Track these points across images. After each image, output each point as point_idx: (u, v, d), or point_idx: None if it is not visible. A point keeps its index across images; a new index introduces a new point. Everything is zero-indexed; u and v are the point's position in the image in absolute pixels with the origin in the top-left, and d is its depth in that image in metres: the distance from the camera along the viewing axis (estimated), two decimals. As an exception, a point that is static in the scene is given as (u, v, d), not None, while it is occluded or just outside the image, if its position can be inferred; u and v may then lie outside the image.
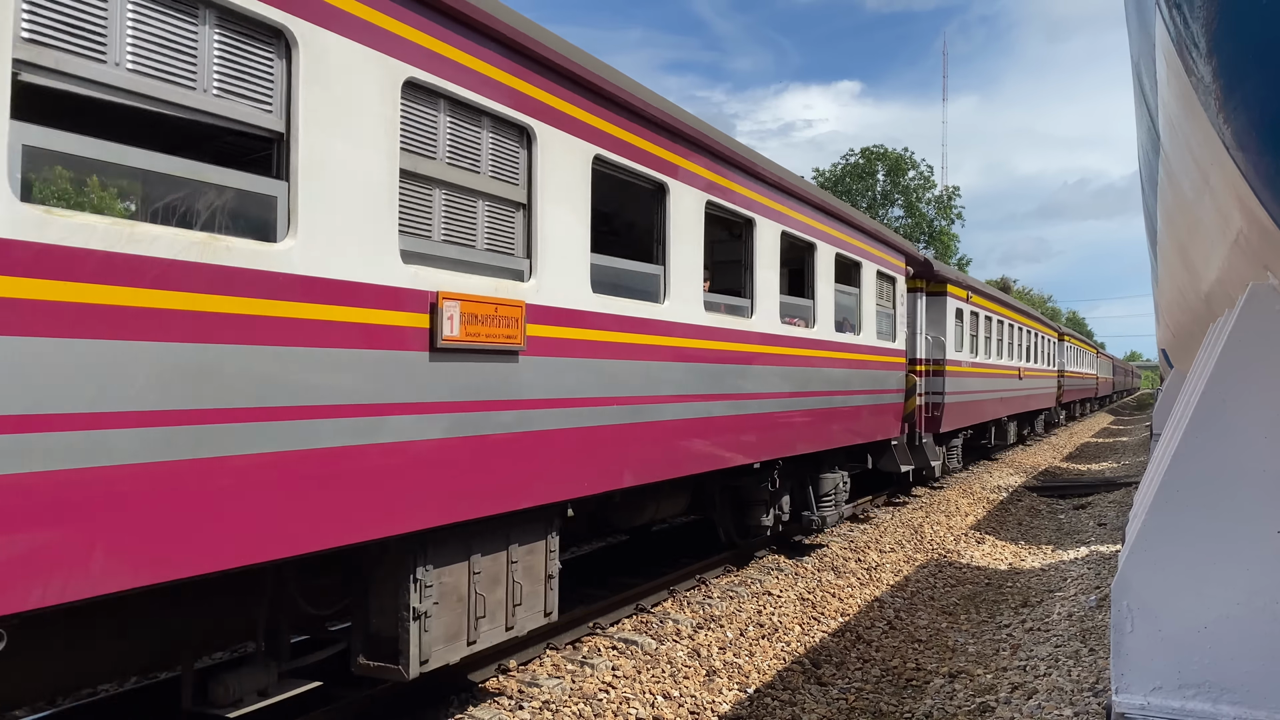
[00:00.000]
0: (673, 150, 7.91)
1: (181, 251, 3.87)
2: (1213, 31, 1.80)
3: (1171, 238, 4.39)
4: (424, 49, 5.22)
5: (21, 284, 3.34)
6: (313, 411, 4.45)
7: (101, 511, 3.58)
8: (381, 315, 4.88)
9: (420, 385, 5.13)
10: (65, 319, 3.46)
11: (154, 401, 3.74)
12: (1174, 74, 2.26)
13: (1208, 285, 3.73)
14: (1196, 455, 2.47)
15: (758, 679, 7.54)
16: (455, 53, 5.46)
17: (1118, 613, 2.50)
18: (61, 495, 3.44)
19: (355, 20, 4.77)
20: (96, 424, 3.55)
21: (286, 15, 4.38)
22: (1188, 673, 2.41)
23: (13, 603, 3.32)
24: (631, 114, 7.29)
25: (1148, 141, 3.92)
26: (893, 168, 68.54)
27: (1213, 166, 2.40)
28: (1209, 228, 3.02)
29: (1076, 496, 19.79)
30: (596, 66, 6.77)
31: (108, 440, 3.58)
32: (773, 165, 9.89)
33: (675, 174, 7.92)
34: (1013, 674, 7.79)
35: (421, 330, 5.14)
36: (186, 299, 3.88)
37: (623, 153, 7.16)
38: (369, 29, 4.86)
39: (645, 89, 7.47)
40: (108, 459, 3.58)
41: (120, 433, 3.62)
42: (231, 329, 4.07)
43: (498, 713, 6.33)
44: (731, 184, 8.94)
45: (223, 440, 4.01)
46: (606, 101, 6.96)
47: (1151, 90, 2.98)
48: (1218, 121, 2.02)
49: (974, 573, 12.14)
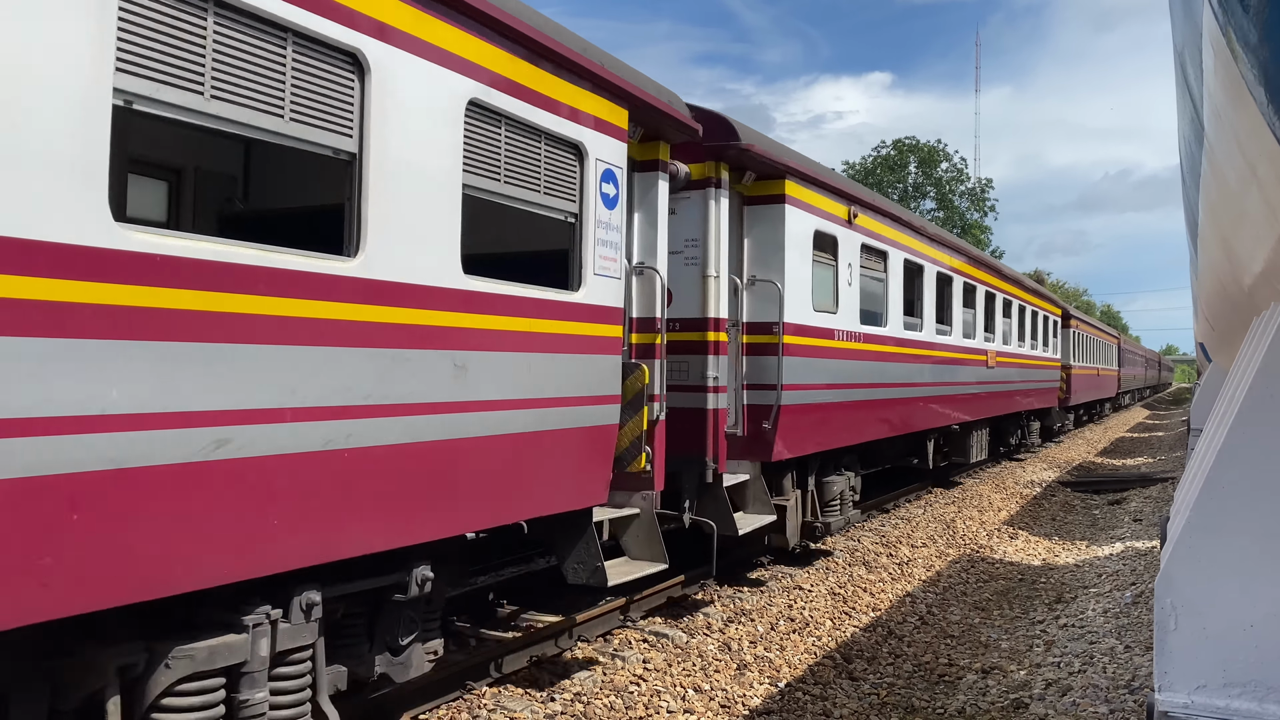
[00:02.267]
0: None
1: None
2: (1264, 20, 1.77)
3: (1214, 230, 4.32)
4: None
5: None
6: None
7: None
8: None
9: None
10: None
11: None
12: (1222, 64, 2.22)
13: (1251, 279, 3.67)
14: (1243, 450, 2.43)
15: (789, 673, 7.53)
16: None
17: (1161, 610, 2.47)
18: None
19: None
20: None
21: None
22: (1233, 671, 2.37)
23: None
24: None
25: (1190, 132, 3.86)
26: (925, 160, 67.86)
27: (1261, 158, 2.35)
28: (1255, 220, 2.97)
29: (1111, 492, 19.54)
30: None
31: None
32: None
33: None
34: (1047, 670, 7.72)
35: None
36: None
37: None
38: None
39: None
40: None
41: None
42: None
43: (529, 704, 6.37)
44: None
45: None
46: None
47: (1196, 80, 2.92)
48: (1268, 113, 1.98)
49: (1007, 568, 12.04)
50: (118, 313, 3.51)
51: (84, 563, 3.42)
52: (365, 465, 4.57)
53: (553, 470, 6.05)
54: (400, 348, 4.79)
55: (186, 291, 3.76)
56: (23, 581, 3.24)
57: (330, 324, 4.39)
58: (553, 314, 5.98)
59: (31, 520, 3.24)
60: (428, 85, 4.99)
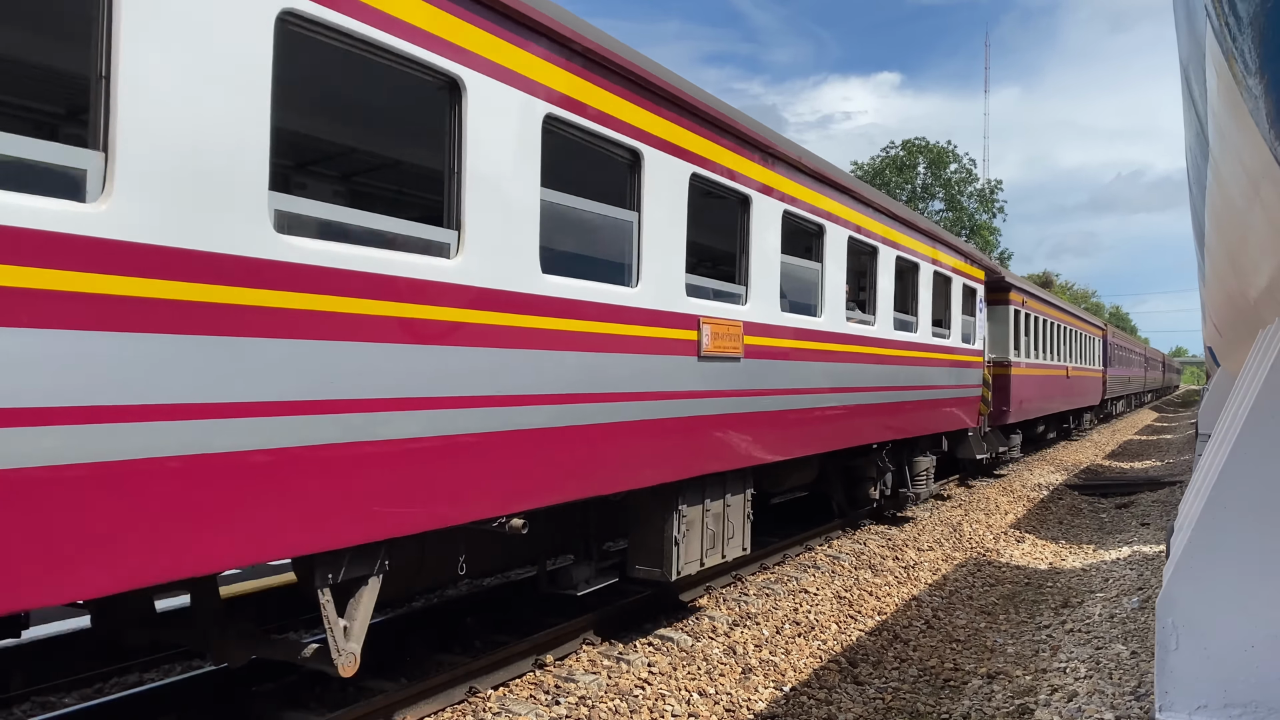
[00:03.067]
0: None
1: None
2: (1263, 47, 1.77)
3: (1220, 243, 4.31)
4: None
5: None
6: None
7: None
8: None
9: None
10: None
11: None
12: (1225, 85, 2.22)
13: (1257, 292, 3.66)
14: (1245, 470, 2.43)
15: (794, 677, 7.54)
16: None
17: (1162, 629, 2.47)
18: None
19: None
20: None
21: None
22: (1234, 692, 2.37)
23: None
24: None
25: (1196, 145, 3.85)
26: (934, 161, 67.69)
27: (1264, 179, 2.36)
28: (1260, 236, 2.97)
29: (1119, 495, 19.50)
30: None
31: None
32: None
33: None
34: (1053, 675, 7.71)
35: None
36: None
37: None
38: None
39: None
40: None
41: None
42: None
43: (535, 707, 6.39)
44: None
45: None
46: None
47: (1201, 96, 2.92)
48: (1269, 137, 1.99)
49: (1013, 572, 12.02)
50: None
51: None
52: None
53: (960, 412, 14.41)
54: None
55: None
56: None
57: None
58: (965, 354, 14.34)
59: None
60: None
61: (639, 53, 6.79)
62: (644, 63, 6.74)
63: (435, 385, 4.88)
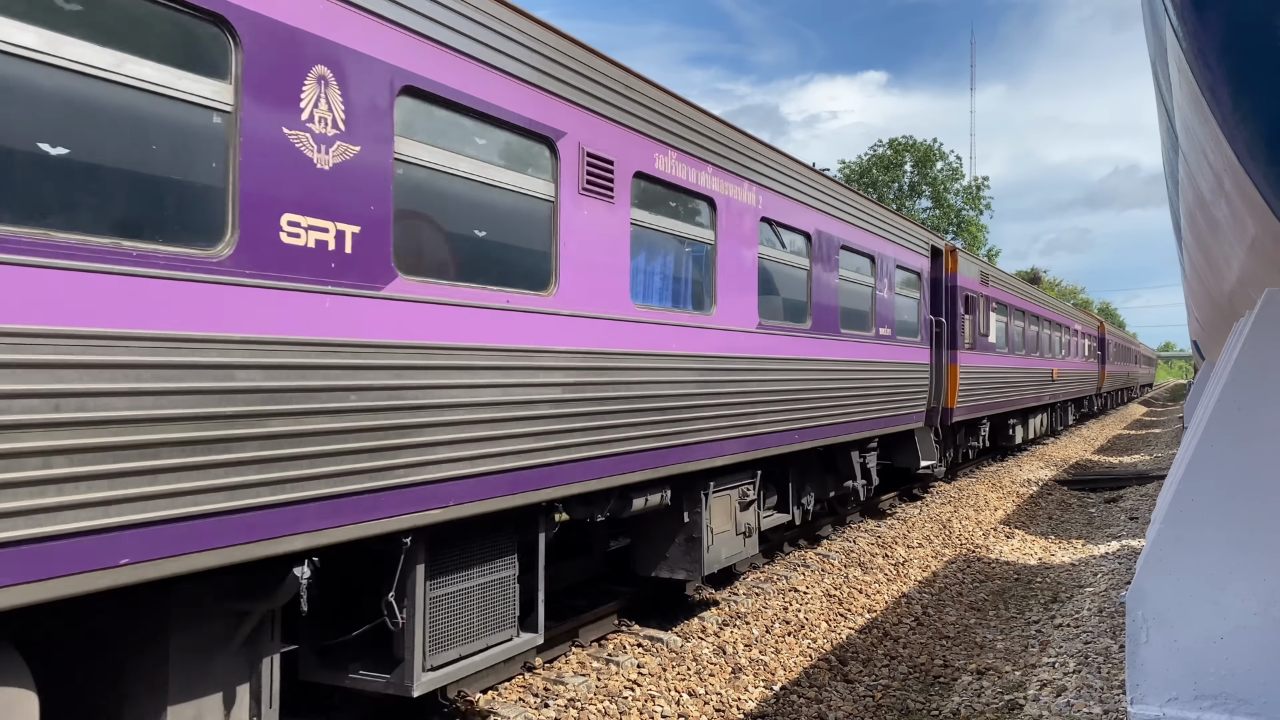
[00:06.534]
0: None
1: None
2: (1219, 43, 1.79)
3: (1194, 236, 4.35)
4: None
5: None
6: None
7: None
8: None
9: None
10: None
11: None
12: (1185, 81, 2.24)
13: (1229, 285, 3.69)
14: (1211, 463, 2.44)
15: (784, 676, 7.55)
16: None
17: (1133, 623, 2.48)
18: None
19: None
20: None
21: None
22: (1204, 684, 2.39)
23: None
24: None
25: (1168, 140, 3.88)
26: (921, 159, 67.80)
27: (1226, 173, 2.38)
28: (1227, 230, 2.99)
29: (1108, 490, 19.58)
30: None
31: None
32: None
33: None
34: (1042, 671, 7.75)
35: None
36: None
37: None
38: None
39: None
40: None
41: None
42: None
43: (524, 710, 6.38)
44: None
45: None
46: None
47: (1167, 92, 2.95)
48: (1228, 129, 2.01)
49: (1003, 568, 12.06)
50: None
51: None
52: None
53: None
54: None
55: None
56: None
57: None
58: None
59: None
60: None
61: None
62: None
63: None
